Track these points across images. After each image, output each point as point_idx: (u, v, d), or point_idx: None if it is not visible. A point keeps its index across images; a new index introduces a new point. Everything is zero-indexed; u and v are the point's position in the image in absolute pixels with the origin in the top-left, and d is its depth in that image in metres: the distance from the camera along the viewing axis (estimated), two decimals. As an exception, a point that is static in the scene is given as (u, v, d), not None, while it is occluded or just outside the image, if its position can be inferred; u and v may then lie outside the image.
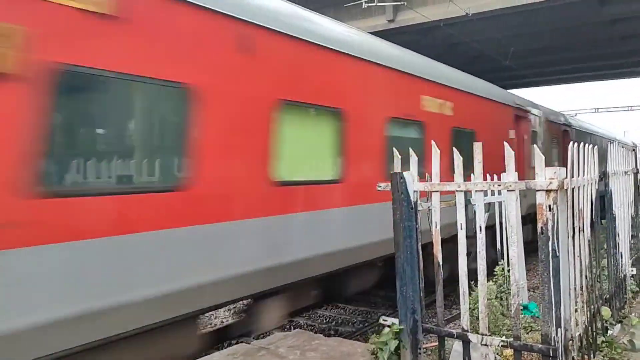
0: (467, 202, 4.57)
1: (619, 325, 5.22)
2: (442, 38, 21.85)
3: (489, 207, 6.90)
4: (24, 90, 3.46)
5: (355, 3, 17.73)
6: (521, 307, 5.78)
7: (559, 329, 3.80)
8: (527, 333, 5.54)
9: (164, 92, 4.60)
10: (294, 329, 7.82)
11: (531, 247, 6.61)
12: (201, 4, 4.84)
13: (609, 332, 4.99)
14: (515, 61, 25.26)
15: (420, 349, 4.42)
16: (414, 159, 4.73)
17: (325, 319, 9.27)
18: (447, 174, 5.05)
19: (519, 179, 4.22)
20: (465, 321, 4.31)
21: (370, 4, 16.59)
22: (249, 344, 5.17)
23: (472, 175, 4.41)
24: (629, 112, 49.06)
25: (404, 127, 8.41)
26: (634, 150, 8.03)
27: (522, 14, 19.38)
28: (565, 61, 29.49)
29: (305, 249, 6.19)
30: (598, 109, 48.24)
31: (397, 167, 4.76)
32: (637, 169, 7.67)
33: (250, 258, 5.38)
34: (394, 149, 4.93)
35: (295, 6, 6.69)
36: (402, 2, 18.02)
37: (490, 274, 5.71)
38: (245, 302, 6.04)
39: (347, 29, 7.94)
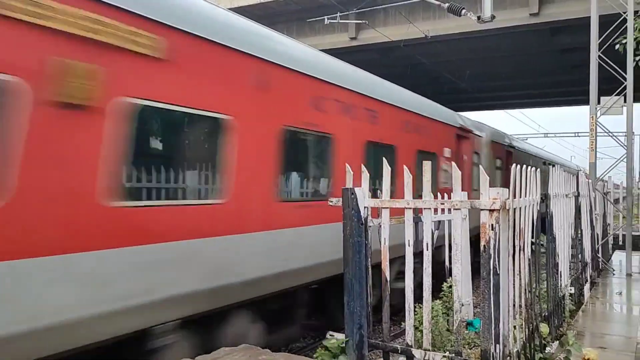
0: (419, 220, 4.70)
1: (556, 343, 5.43)
2: (402, 58, 22.36)
3: (438, 225, 7.07)
4: (98, 117, 4.21)
5: (318, 19, 17.95)
6: (466, 324, 5.93)
7: (497, 345, 3.92)
8: (471, 349, 5.68)
9: (208, 122, 5.31)
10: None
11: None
12: (232, 46, 5.51)
13: (547, 349, 5.18)
14: (470, 84, 26.08)
15: (365, 363, 4.48)
16: (365, 175, 4.82)
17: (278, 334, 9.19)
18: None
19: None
20: (409, 337, 4.40)
21: (332, 21, 16.83)
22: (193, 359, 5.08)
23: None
24: (576, 137, 51.28)
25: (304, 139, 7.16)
26: (576, 174, 8.42)
27: (477, 40, 20.08)
28: (517, 87, 30.66)
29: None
30: (547, 133, 50.28)
31: (348, 183, 4.84)
32: (578, 192, 8.03)
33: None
34: (347, 165, 5.01)
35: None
36: (364, 21, 18.36)
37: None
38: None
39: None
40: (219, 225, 5.23)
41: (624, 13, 11.47)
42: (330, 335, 4.82)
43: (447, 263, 7.40)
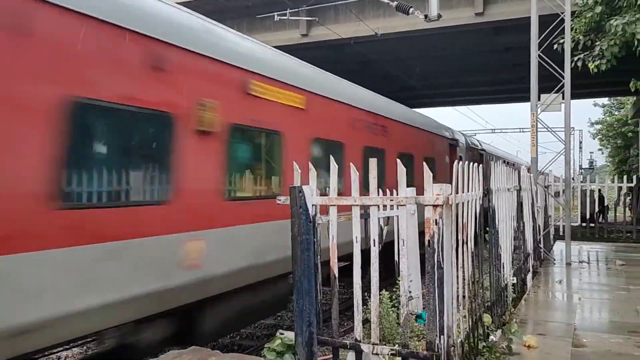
0: (368, 216, 4.76)
1: (499, 331, 5.64)
2: (354, 55, 22.54)
3: (387, 220, 7.20)
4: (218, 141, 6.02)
5: (268, 15, 17.84)
6: (415, 317, 6.08)
7: (442, 336, 4.04)
8: (419, 341, 5.82)
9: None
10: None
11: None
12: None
13: (490, 337, 5.38)
14: (420, 82, 26.58)
15: (315, 360, 4.51)
16: (313, 173, 4.85)
17: (230, 334, 9.13)
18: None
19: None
20: (358, 332, 4.46)
21: (282, 17, 16.76)
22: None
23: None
24: (521, 133, 53.19)
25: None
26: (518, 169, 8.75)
27: (425, 38, 20.49)
28: (464, 84, 31.48)
29: None
30: (494, 129, 51.99)
31: (296, 181, 4.86)
32: (520, 186, 8.36)
33: None
34: (294, 163, 5.03)
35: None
36: (314, 18, 18.40)
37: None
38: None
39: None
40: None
41: (562, 14, 11.99)
42: (281, 333, 4.84)
43: (396, 258, 7.55)
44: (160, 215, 5.26)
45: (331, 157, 4.89)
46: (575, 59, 12.37)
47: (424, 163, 4.59)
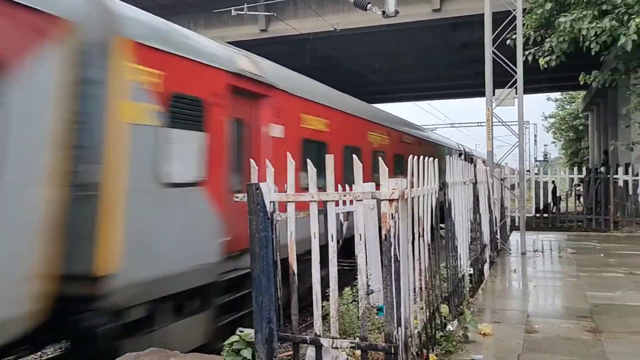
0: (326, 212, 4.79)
1: (456, 321, 5.79)
2: (313, 51, 22.56)
3: (347, 216, 7.28)
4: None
5: (225, 9, 17.64)
6: (376, 310, 6.16)
7: (399, 328, 4.12)
8: (380, 333, 5.90)
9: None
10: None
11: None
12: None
13: (448, 327, 5.51)
14: (379, 77, 26.87)
15: (275, 357, 4.52)
16: (270, 170, 4.85)
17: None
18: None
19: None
20: (317, 327, 4.50)
21: (240, 12, 16.62)
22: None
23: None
24: (479, 127, 54.41)
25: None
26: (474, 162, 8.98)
27: (383, 34, 20.71)
28: (423, 79, 32.04)
29: None
30: (453, 124, 53.04)
31: (254, 178, 4.85)
32: (476, 179, 8.57)
33: None
34: (251, 160, 5.01)
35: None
36: (273, 13, 18.31)
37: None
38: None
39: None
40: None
41: (514, 11, 12.33)
42: (240, 331, 4.82)
43: (355, 252, 7.63)
44: None
45: (288, 154, 4.89)
46: (526, 53, 12.73)
47: (380, 159, 4.65)
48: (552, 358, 5.15)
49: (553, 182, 21.25)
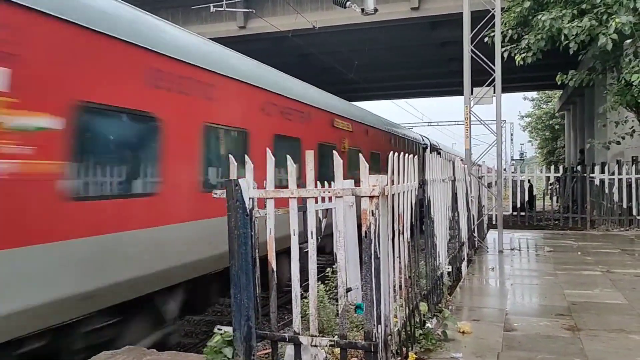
0: (305, 209, 4.74)
1: (435, 319, 5.77)
2: (292, 48, 22.46)
3: (326, 213, 7.21)
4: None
5: (203, 6, 17.43)
6: (355, 307, 6.11)
7: (379, 326, 4.08)
8: (359, 331, 5.86)
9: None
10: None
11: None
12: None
13: (427, 325, 5.49)
14: (358, 75, 26.85)
15: (254, 355, 4.45)
16: (249, 165, 4.76)
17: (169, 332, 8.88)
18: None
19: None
20: (297, 324, 4.43)
21: (219, 9, 16.43)
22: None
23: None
24: (457, 125, 54.93)
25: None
26: (452, 160, 9.00)
27: (362, 32, 20.72)
28: (401, 77, 32.15)
29: None
30: (430, 122, 53.46)
31: (232, 174, 4.76)
32: (455, 177, 8.59)
33: None
34: (230, 156, 4.92)
35: None
36: (251, 10, 18.15)
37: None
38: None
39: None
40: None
41: (492, 10, 12.41)
42: (219, 329, 4.73)
43: (335, 250, 7.58)
44: None
45: (268, 151, 4.80)
46: (503, 49, 12.82)
47: (360, 155, 4.60)
48: (531, 356, 5.16)
49: (529, 180, 21.52)
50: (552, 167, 20.34)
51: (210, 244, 7.00)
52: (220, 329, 4.66)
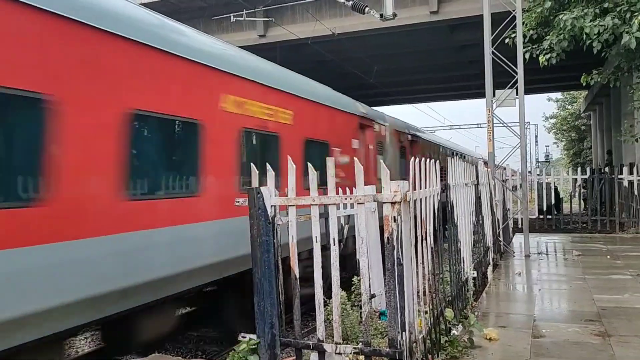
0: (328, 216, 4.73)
1: (460, 326, 5.69)
2: (311, 55, 22.55)
3: (348, 219, 7.20)
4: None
5: (224, 16, 17.64)
6: (379, 314, 6.07)
7: (404, 333, 4.04)
8: (383, 338, 5.82)
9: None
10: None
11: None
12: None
13: (452, 332, 5.42)
14: (378, 80, 26.83)
15: (278, 363, 4.45)
16: (271, 173, 4.78)
17: (193, 339, 8.96)
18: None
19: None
20: (321, 332, 4.42)
21: (239, 19, 16.60)
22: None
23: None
24: (479, 128, 54.40)
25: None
26: (475, 164, 8.90)
27: (382, 37, 20.68)
28: (422, 81, 31.97)
29: None
30: (452, 125, 53.01)
31: (254, 182, 4.78)
32: (478, 181, 8.49)
33: None
34: (252, 164, 4.95)
35: None
36: (271, 19, 18.30)
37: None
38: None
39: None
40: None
41: (513, 11, 12.27)
42: (243, 336, 4.74)
43: (357, 256, 7.55)
44: None
45: (289, 158, 4.82)
46: (524, 50, 12.65)
47: (381, 161, 4.58)
48: (560, 362, 5.06)
49: (554, 183, 21.13)
50: (579, 169, 19.94)
51: None
52: (245, 337, 4.68)
